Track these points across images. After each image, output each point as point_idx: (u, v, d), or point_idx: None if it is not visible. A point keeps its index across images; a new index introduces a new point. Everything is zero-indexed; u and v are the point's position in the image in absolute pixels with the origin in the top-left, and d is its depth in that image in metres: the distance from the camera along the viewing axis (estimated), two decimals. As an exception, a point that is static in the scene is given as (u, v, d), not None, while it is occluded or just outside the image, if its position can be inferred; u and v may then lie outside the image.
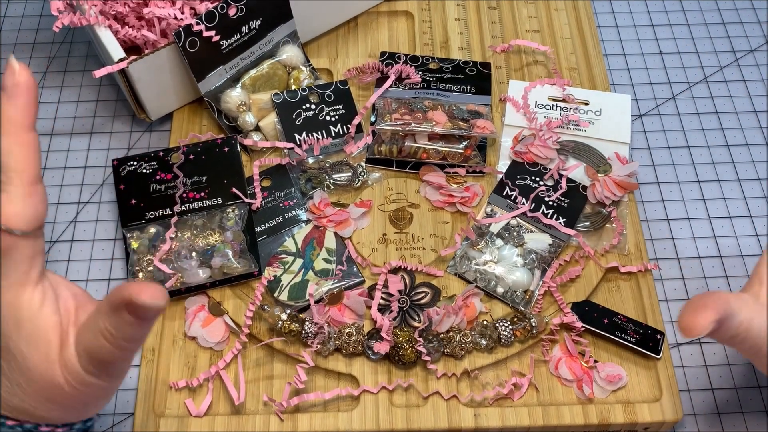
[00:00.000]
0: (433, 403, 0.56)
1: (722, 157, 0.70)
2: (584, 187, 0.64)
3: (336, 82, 0.69)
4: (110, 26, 0.63)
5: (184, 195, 0.62)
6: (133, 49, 0.68)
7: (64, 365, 0.41)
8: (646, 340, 0.58)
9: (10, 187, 0.40)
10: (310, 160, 0.66)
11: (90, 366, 0.41)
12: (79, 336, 0.41)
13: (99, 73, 0.62)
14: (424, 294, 0.60)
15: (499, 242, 0.62)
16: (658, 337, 0.58)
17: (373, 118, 0.67)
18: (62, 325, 0.42)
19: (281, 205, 0.64)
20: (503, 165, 0.66)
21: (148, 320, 0.40)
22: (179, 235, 0.60)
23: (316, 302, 0.58)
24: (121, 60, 0.62)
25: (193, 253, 0.59)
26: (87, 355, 0.41)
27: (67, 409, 0.43)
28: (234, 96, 0.66)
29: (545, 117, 0.68)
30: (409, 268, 0.61)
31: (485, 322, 0.58)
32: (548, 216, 0.63)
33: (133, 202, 0.62)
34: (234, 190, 0.62)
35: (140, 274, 0.58)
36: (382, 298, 0.59)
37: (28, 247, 0.41)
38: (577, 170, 0.65)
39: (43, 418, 0.43)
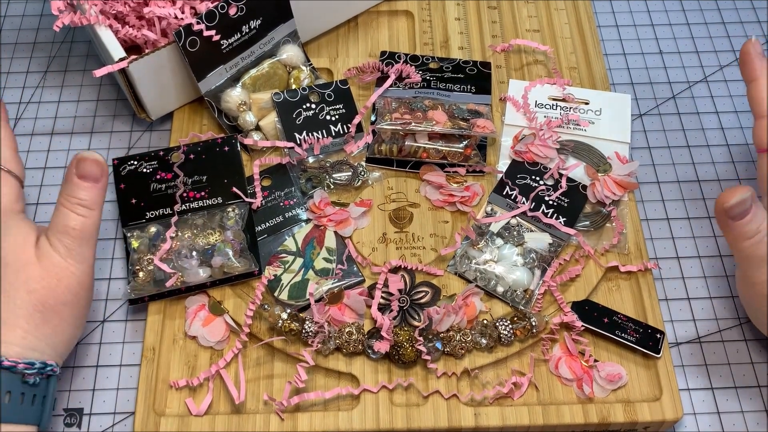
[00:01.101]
0: (433, 402, 0.56)
1: (722, 157, 0.70)
2: (584, 187, 0.64)
3: (336, 81, 0.69)
4: (110, 26, 0.63)
5: (185, 194, 0.62)
6: (133, 48, 0.68)
7: (38, 248, 0.52)
8: (646, 340, 0.58)
9: (1, 147, 0.55)
10: (311, 160, 0.66)
11: (57, 243, 0.52)
12: (50, 224, 0.53)
13: (99, 72, 0.62)
14: (424, 293, 0.60)
15: (499, 241, 0.62)
16: (658, 336, 0.58)
17: (373, 118, 0.67)
18: (37, 232, 0.53)
19: (281, 204, 0.64)
20: (503, 164, 0.66)
21: (92, 181, 0.52)
22: (179, 234, 0.60)
23: (317, 301, 0.58)
24: (122, 59, 0.62)
25: (194, 253, 0.59)
26: (53, 230, 0.52)
27: (38, 305, 0.50)
28: (234, 95, 0.66)
29: (545, 116, 0.68)
30: (409, 268, 0.61)
31: (485, 322, 0.58)
32: (548, 215, 0.63)
33: (134, 201, 0.62)
34: (234, 189, 0.63)
35: (141, 274, 0.58)
36: (383, 297, 0.59)
37: (16, 186, 0.55)
38: (577, 169, 0.65)
39: (11, 324, 0.49)
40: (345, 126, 0.66)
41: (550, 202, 0.63)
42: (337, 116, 0.67)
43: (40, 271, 0.51)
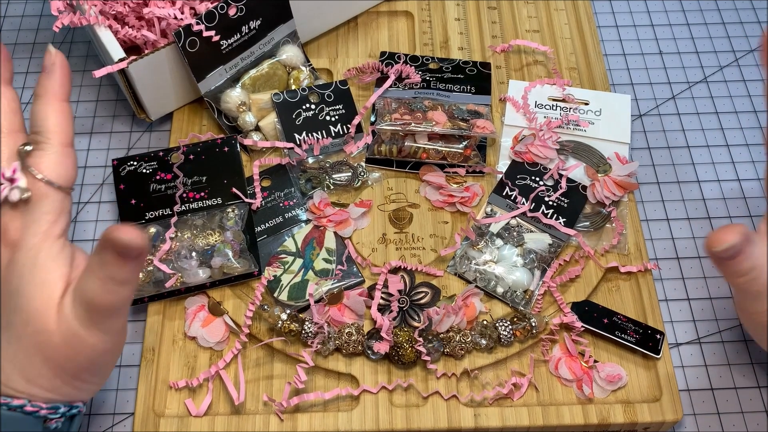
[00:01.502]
0: (432, 403, 0.56)
1: (722, 157, 0.70)
2: (584, 187, 0.64)
3: (336, 82, 0.69)
4: (110, 26, 0.63)
5: (184, 195, 0.62)
6: (133, 49, 0.68)
7: (60, 311, 0.45)
8: (646, 340, 0.58)
9: (47, 145, 0.47)
10: (310, 160, 0.66)
11: (81, 311, 0.44)
12: (76, 282, 0.45)
13: (99, 73, 0.62)
14: (424, 294, 0.60)
15: (498, 242, 0.62)
16: (658, 337, 0.58)
17: (372, 118, 0.67)
18: (68, 277, 0.46)
19: (281, 204, 0.64)
20: (503, 165, 0.66)
21: (130, 260, 0.44)
22: (179, 235, 0.60)
23: (316, 302, 0.58)
24: (121, 60, 0.62)
25: (193, 253, 0.59)
26: (78, 296, 0.45)
27: (56, 370, 0.46)
28: (234, 96, 0.66)
29: (545, 117, 0.68)
30: (409, 268, 0.61)
31: (485, 322, 0.58)
32: (548, 216, 0.63)
33: (133, 202, 0.62)
34: (234, 190, 0.62)
35: (140, 274, 0.58)
36: (382, 297, 0.59)
37: (58, 201, 0.47)
38: (577, 170, 0.65)
39: (32, 381, 0.45)
40: (345, 126, 0.66)
41: (550, 203, 0.63)
42: (336, 117, 0.67)
43: (58, 340, 0.45)
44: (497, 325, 0.57)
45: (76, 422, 0.49)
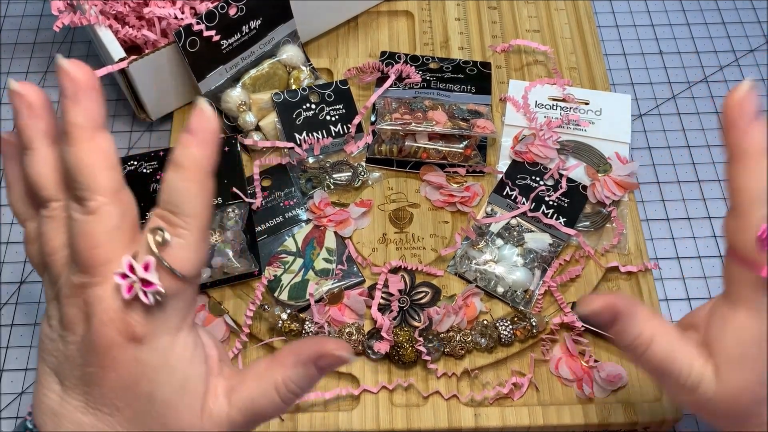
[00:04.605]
0: (433, 402, 0.56)
1: (722, 157, 0.70)
2: (584, 187, 0.64)
3: (336, 81, 0.69)
4: (110, 26, 0.63)
5: (185, 195, 0.62)
6: (133, 48, 0.68)
7: (208, 415, 0.39)
8: (646, 340, 0.58)
9: (186, 233, 0.37)
10: (311, 160, 0.66)
11: (240, 417, 0.40)
12: (239, 389, 0.40)
13: (99, 72, 0.61)
14: (424, 294, 0.60)
15: (499, 242, 0.62)
16: (658, 336, 0.58)
17: (373, 118, 0.67)
18: (207, 377, 0.40)
19: (281, 204, 0.64)
20: (503, 165, 0.66)
21: (324, 373, 0.40)
22: (179, 234, 0.60)
23: (317, 302, 0.58)
24: (122, 60, 0.62)
25: (194, 253, 0.59)
26: (244, 407, 0.40)
27: None
28: (234, 96, 0.66)
29: (545, 117, 0.68)
30: (409, 268, 0.61)
31: (485, 322, 0.58)
32: (548, 216, 0.63)
33: (134, 201, 0.62)
34: (234, 189, 0.62)
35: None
36: (383, 297, 0.59)
37: (189, 294, 0.38)
38: (577, 170, 0.65)
39: None
40: (345, 126, 0.66)
41: (550, 203, 0.63)
42: (337, 116, 0.67)
43: None
44: (497, 324, 0.57)
45: None
